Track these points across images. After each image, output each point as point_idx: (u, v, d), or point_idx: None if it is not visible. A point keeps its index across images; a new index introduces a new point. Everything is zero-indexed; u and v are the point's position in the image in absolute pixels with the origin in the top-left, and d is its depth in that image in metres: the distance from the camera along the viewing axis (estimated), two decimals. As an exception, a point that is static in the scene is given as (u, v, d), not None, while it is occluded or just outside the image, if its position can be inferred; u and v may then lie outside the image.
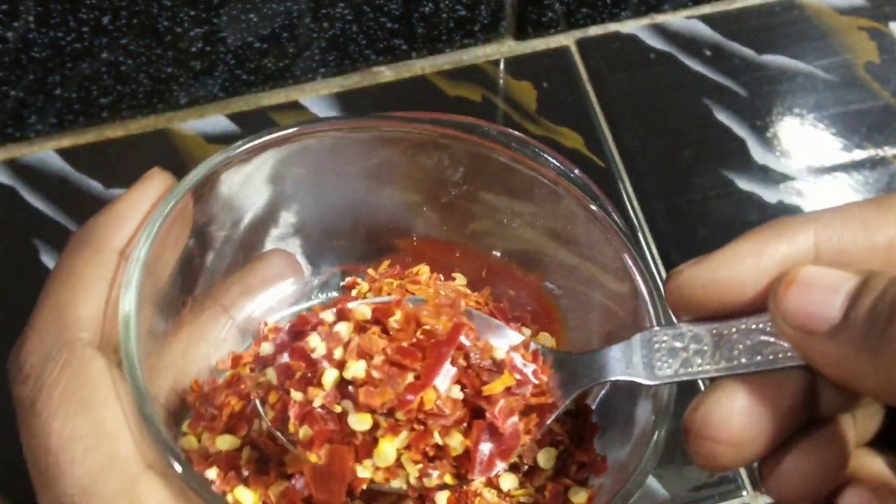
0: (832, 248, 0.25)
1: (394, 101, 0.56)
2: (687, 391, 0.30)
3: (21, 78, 0.51)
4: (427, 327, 0.29)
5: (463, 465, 0.28)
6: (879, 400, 0.25)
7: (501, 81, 0.57)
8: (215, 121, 0.55)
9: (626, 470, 0.30)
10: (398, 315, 0.30)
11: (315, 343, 0.29)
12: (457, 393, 0.28)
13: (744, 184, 0.53)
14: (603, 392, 0.33)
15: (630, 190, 0.53)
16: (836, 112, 0.56)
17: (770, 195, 0.53)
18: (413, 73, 0.57)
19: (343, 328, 0.29)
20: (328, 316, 0.31)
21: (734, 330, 0.26)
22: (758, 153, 0.54)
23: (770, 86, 0.57)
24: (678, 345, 0.26)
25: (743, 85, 0.57)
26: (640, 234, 0.51)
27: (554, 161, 0.41)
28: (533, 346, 0.30)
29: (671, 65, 0.57)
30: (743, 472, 0.45)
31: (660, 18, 0.59)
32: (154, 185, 0.32)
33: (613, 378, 0.28)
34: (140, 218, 0.31)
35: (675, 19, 0.59)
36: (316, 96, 0.56)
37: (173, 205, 0.31)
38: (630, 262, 0.36)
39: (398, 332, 0.29)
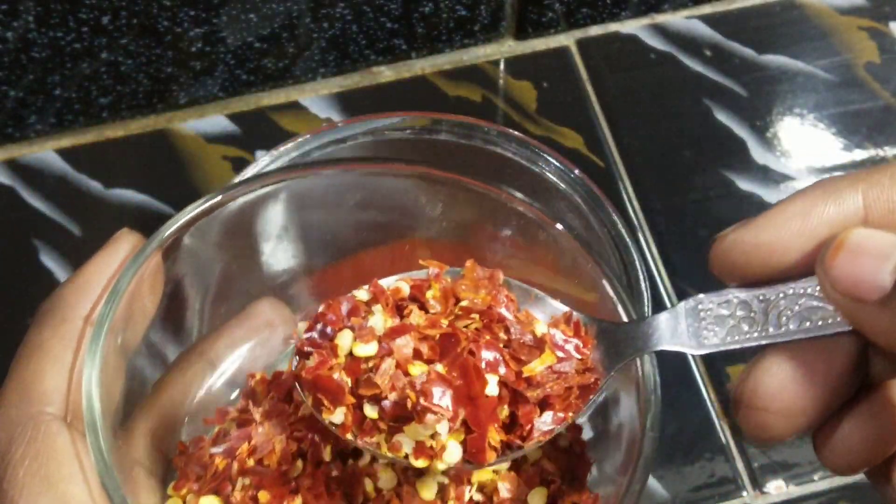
0: (881, 207, 0.24)
1: (394, 102, 0.56)
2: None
3: (21, 78, 0.51)
4: (465, 303, 0.28)
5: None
6: None
7: (501, 81, 0.57)
8: (215, 121, 0.55)
9: (617, 493, 0.29)
10: (435, 290, 0.28)
11: (345, 342, 0.27)
12: (493, 389, 0.27)
13: (744, 184, 0.53)
14: (597, 402, 0.32)
15: (630, 190, 0.53)
16: (836, 112, 0.56)
17: (770, 195, 0.53)
18: (413, 73, 0.57)
19: (378, 321, 0.27)
20: (362, 294, 0.29)
21: (781, 295, 0.25)
22: (758, 153, 0.54)
23: (770, 86, 0.57)
24: (725, 312, 0.26)
25: (743, 85, 0.57)
26: (640, 234, 0.51)
27: (554, 161, 0.41)
28: (575, 316, 0.28)
29: (671, 65, 0.57)
30: (743, 472, 0.45)
31: (660, 18, 0.59)
32: (121, 248, 0.31)
33: (660, 348, 0.27)
34: (106, 283, 0.30)
35: (675, 19, 0.59)
36: (316, 96, 0.56)
37: (138, 266, 0.30)
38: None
39: (435, 313, 0.28)
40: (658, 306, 0.49)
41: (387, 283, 0.29)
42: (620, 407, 0.31)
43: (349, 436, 0.27)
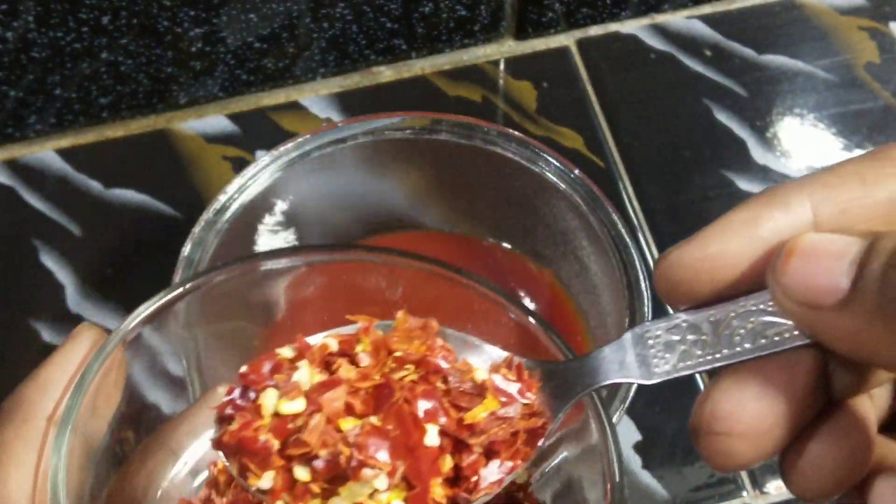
0: (830, 210, 0.23)
1: (394, 102, 0.56)
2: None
3: (21, 78, 0.51)
4: (398, 354, 0.27)
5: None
6: None
7: (501, 81, 0.57)
8: (215, 121, 0.55)
9: None
10: (365, 344, 0.27)
11: (269, 401, 0.26)
12: (433, 439, 0.25)
13: (744, 184, 0.53)
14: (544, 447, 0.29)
15: (630, 190, 0.53)
16: (836, 112, 0.56)
17: (770, 195, 0.53)
18: (413, 73, 0.57)
19: (304, 375, 0.26)
20: (286, 352, 0.27)
21: (732, 314, 0.23)
22: (758, 153, 0.54)
23: (770, 86, 0.57)
24: (675, 337, 0.24)
25: (743, 85, 0.57)
26: (640, 234, 0.51)
27: (554, 161, 0.41)
28: (517, 360, 0.27)
29: (671, 65, 0.57)
30: (744, 472, 0.45)
31: (660, 18, 0.59)
32: (82, 344, 0.30)
33: (609, 381, 0.25)
34: (68, 380, 0.29)
35: (676, 19, 0.59)
36: (316, 96, 0.56)
37: (101, 362, 0.29)
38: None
39: (367, 367, 0.26)
40: (658, 306, 0.49)
41: (313, 340, 0.28)
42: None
43: (280, 503, 0.25)
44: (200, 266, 0.39)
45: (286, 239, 0.44)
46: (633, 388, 0.36)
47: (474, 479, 0.25)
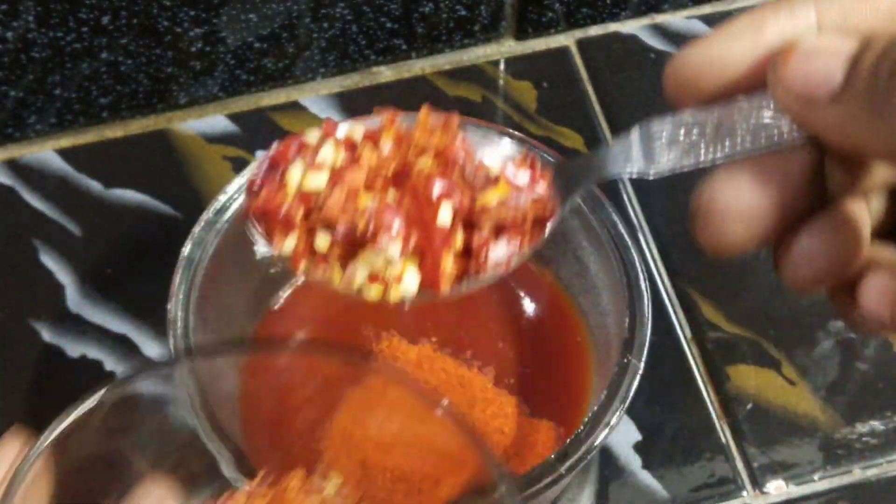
0: (834, 18, 0.24)
1: (394, 102, 0.55)
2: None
3: (21, 78, 0.51)
4: (419, 144, 0.27)
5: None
6: (888, 161, 0.24)
7: (501, 81, 0.57)
8: (215, 121, 0.55)
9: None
10: (390, 133, 0.27)
11: (295, 175, 0.27)
12: (446, 216, 0.26)
13: (744, 184, 0.53)
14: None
15: (630, 190, 0.53)
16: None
17: (770, 195, 0.53)
18: (413, 73, 0.57)
19: (328, 153, 0.27)
20: (312, 135, 0.28)
21: (735, 113, 0.24)
22: (758, 153, 0.54)
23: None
24: (679, 134, 0.25)
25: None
26: (640, 234, 0.51)
27: (554, 161, 0.41)
28: (531, 153, 0.28)
29: (671, 65, 0.57)
30: (743, 472, 0.45)
31: (660, 18, 0.59)
32: (8, 451, 0.29)
33: (616, 172, 0.26)
34: None
35: (675, 19, 0.59)
36: (316, 96, 0.56)
37: (27, 469, 0.28)
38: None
39: (389, 153, 0.27)
40: (658, 306, 0.49)
41: (342, 127, 0.28)
42: None
43: (301, 267, 0.27)
44: (200, 266, 0.39)
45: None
46: (634, 386, 0.36)
47: (483, 257, 0.26)
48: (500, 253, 0.27)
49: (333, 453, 0.41)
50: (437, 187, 0.26)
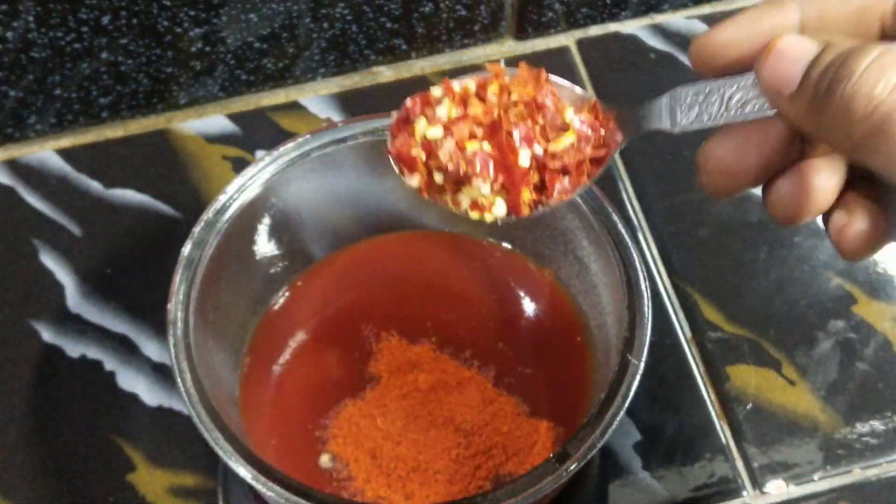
0: (813, 14, 0.31)
1: (394, 101, 0.55)
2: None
3: (21, 78, 0.51)
4: (514, 96, 0.35)
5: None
6: (829, 146, 0.31)
7: (501, 81, 0.57)
8: (215, 121, 0.55)
9: None
10: (495, 86, 0.36)
11: (419, 128, 0.35)
12: (525, 160, 0.34)
13: (744, 184, 0.53)
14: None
15: (630, 190, 0.53)
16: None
17: (770, 195, 0.53)
18: (413, 73, 0.57)
19: (444, 110, 0.35)
20: (436, 91, 0.36)
21: (735, 86, 0.31)
22: (758, 153, 0.54)
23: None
24: (698, 99, 0.32)
25: (743, 85, 0.57)
26: (640, 234, 0.51)
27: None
28: (596, 103, 0.36)
29: (671, 65, 0.57)
30: (743, 471, 0.45)
31: (660, 18, 0.59)
32: None
33: (651, 128, 0.34)
34: None
35: (675, 19, 0.59)
36: (316, 96, 0.56)
37: None
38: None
39: (490, 105, 0.35)
40: (658, 306, 0.49)
41: (458, 83, 0.36)
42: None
43: (424, 195, 0.35)
44: (200, 266, 0.39)
45: (286, 239, 0.44)
46: (634, 386, 0.36)
47: (553, 189, 0.35)
48: (565, 186, 0.35)
49: (341, 441, 0.41)
50: (518, 136, 0.34)
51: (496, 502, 0.34)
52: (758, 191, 0.33)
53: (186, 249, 0.39)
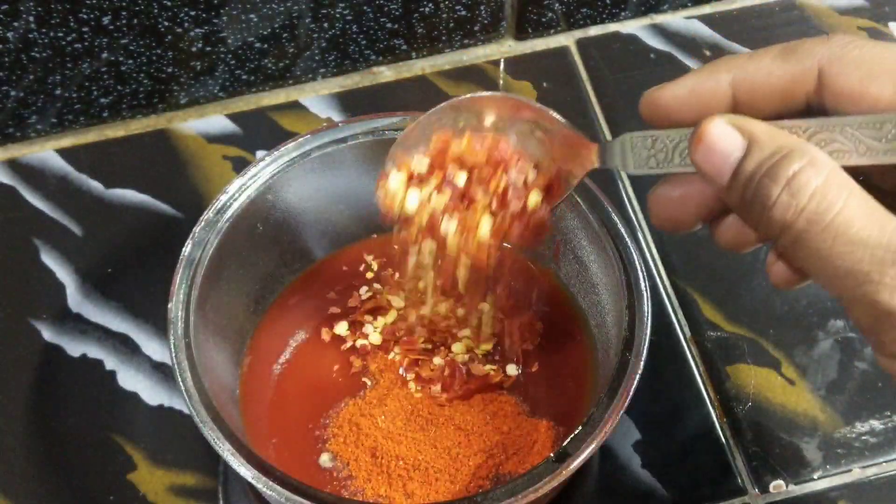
0: (745, 87, 0.33)
1: (394, 101, 0.56)
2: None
3: (21, 78, 0.51)
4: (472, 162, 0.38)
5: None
6: (756, 231, 0.32)
7: (501, 81, 0.57)
8: (216, 121, 0.55)
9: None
10: (457, 161, 0.38)
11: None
12: (485, 229, 0.38)
13: (743, 184, 0.53)
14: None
15: (630, 190, 0.53)
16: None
17: (770, 195, 0.53)
18: (413, 73, 0.57)
19: (417, 196, 0.39)
20: (420, 166, 0.39)
21: (679, 138, 0.34)
22: (757, 153, 0.54)
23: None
24: (647, 144, 0.35)
25: (743, 85, 0.57)
26: (639, 234, 0.51)
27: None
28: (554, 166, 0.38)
29: (671, 65, 0.57)
30: (743, 471, 0.45)
31: (660, 18, 0.60)
32: None
33: (606, 167, 0.36)
34: None
35: (675, 19, 0.59)
36: (316, 96, 0.56)
37: None
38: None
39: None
40: (658, 305, 0.49)
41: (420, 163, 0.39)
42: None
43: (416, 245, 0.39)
44: (201, 266, 0.39)
45: (286, 239, 0.44)
46: (634, 385, 0.36)
47: (517, 229, 0.38)
48: (523, 230, 0.38)
49: (341, 440, 0.41)
50: (481, 202, 0.38)
51: (496, 501, 0.34)
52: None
53: (187, 249, 0.39)
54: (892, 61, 0.31)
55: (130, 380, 0.47)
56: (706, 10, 0.60)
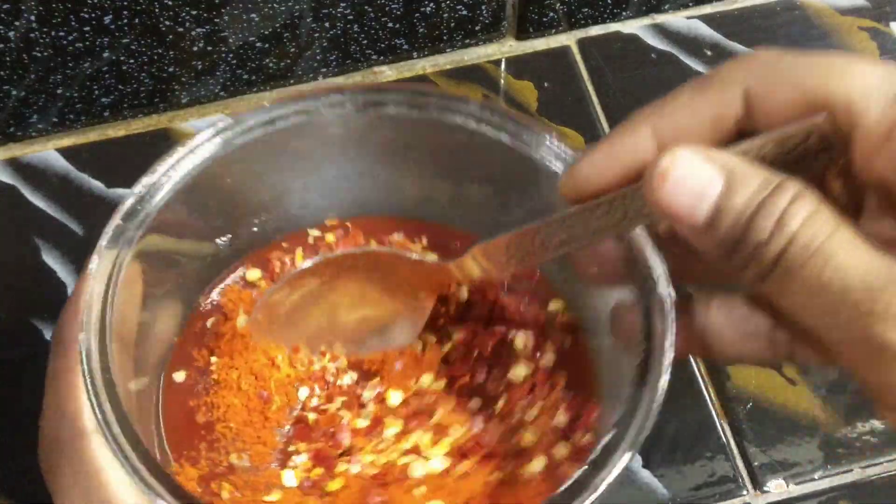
0: (668, 132, 0.30)
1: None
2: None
3: (23, 77, 0.51)
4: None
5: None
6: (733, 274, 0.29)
7: (502, 81, 0.57)
8: (217, 120, 0.55)
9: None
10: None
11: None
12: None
13: (744, 183, 0.53)
14: None
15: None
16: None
17: (771, 195, 0.53)
18: (414, 72, 0.57)
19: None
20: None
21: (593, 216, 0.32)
22: (758, 153, 0.54)
23: (771, 86, 0.57)
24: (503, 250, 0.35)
25: (744, 85, 0.57)
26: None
27: (552, 145, 0.40)
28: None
29: (672, 65, 0.57)
30: (743, 471, 0.45)
31: (660, 18, 0.60)
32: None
33: (473, 277, 0.38)
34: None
35: (676, 19, 0.60)
36: (317, 96, 0.56)
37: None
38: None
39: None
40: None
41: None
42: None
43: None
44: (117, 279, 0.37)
45: (217, 225, 0.42)
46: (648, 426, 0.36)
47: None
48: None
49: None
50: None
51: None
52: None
53: (94, 264, 0.36)
54: (798, 69, 0.29)
55: (131, 379, 0.47)
56: (707, 10, 0.60)
